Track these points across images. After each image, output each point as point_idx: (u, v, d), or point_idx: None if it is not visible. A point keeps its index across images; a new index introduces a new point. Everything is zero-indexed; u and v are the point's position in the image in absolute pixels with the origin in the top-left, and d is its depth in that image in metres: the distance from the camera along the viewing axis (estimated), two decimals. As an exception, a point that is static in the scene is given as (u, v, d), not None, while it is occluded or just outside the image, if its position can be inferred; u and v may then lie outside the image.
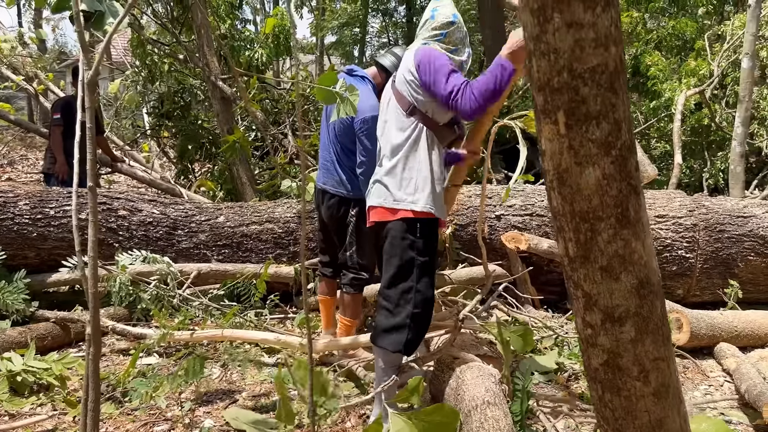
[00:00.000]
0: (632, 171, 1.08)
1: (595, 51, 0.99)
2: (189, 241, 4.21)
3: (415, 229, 2.49)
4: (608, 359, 1.19)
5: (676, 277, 4.38)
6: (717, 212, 4.44)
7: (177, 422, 2.70)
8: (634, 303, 1.14)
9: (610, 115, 1.03)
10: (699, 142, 8.36)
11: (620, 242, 1.10)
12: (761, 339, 3.75)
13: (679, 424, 1.22)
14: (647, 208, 4.12)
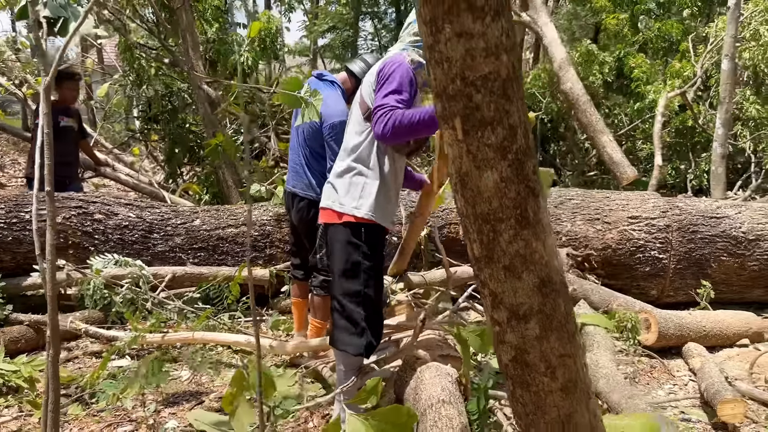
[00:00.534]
0: (530, 174, 1.12)
1: (486, 60, 1.03)
2: (165, 245, 4.24)
3: (359, 234, 2.51)
4: (516, 355, 1.23)
5: (650, 277, 4.43)
6: (690, 213, 4.48)
7: (141, 423, 2.73)
8: (537, 301, 1.18)
9: (505, 120, 1.07)
10: (684, 144, 8.41)
11: (521, 242, 1.14)
12: (729, 339, 3.79)
13: (588, 419, 1.26)
14: (621, 209, 4.18)
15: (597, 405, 1.31)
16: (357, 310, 2.53)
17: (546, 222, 1.15)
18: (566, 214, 4.49)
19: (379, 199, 2.54)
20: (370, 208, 2.52)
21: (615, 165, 5.86)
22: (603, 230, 4.41)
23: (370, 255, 2.54)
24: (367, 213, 2.51)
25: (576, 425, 1.26)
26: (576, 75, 6.15)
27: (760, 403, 3.04)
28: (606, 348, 3.21)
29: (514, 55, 1.06)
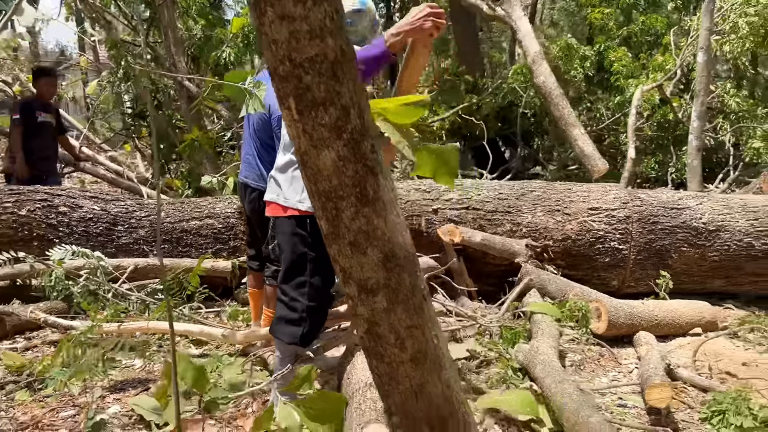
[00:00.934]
0: (367, 153, 1.17)
1: (311, 42, 1.08)
2: (129, 237, 4.31)
3: (304, 225, 2.56)
4: (369, 328, 1.28)
5: (610, 268, 4.46)
6: (651, 204, 4.52)
7: (84, 408, 2.79)
8: (382, 275, 1.23)
9: (337, 101, 1.12)
10: (665, 137, 8.43)
11: (363, 219, 1.19)
12: (682, 327, 3.83)
13: (440, 389, 1.31)
14: (582, 201, 4.22)
15: (455, 378, 1.36)
16: (300, 299, 2.59)
17: (387, 199, 1.20)
18: (527, 205, 4.53)
19: None
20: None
21: (586, 158, 5.89)
22: (563, 221, 4.45)
23: (317, 246, 2.58)
24: (311, 207, 2.56)
25: (429, 395, 1.31)
26: (549, 69, 6.18)
27: (700, 390, 3.08)
28: (548, 335, 3.25)
29: (341, 38, 1.11)
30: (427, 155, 1.88)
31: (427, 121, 8.42)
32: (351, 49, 1.13)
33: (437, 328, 1.33)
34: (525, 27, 6.33)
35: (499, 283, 4.46)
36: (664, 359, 3.17)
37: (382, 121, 1.86)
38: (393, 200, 1.22)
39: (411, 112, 1.77)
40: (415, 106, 1.78)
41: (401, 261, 1.23)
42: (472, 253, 4.49)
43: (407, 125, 1.82)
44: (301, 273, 2.58)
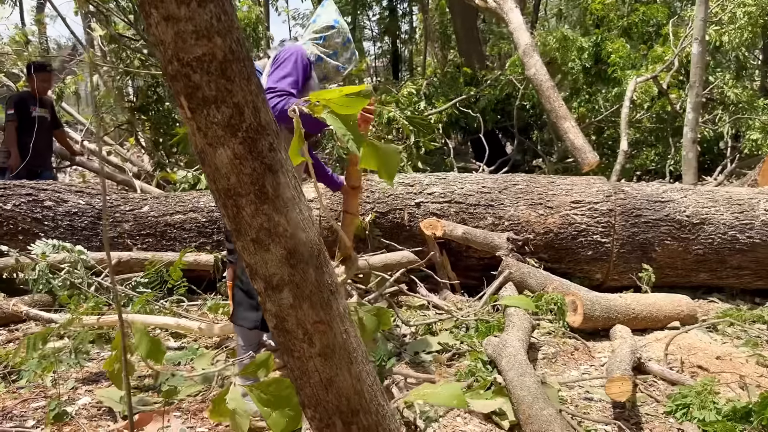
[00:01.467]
0: (264, 151, 1.18)
1: (198, 42, 1.09)
2: (113, 231, 4.36)
3: None
4: (277, 323, 1.30)
5: (593, 261, 4.46)
6: (635, 197, 4.50)
7: (55, 399, 2.84)
8: (287, 272, 1.24)
9: (228, 99, 1.14)
10: (664, 129, 8.36)
11: (263, 216, 1.21)
12: (660, 321, 3.82)
13: (350, 382, 1.33)
14: (565, 194, 4.21)
15: (368, 371, 1.37)
16: None
17: (289, 197, 1.22)
18: (509, 199, 4.52)
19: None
20: None
21: (576, 150, 5.87)
22: (545, 215, 4.44)
23: None
24: None
25: (338, 388, 1.32)
26: (540, 61, 6.15)
27: (669, 383, 3.08)
28: (519, 329, 3.25)
29: (231, 38, 1.12)
30: (372, 151, 1.90)
31: (424, 113, 8.42)
32: (242, 48, 1.14)
33: (348, 323, 1.34)
34: (516, 18, 6.30)
35: (483, 277, 4.47)
36: (635, 353, 3.17)
37: (327, 114, 1.88)
38: (296, 197, 1.23)
39: (355, 102, 1.79)
40: (359, 96, 1.80)
41: (305, 257, 1.25)
42: (455, 247, 4.50)
43: (353, 117, 1.84)
44: None
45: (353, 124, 1.79)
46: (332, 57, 2.75)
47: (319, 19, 2.76)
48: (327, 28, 2.73)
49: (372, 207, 4.49)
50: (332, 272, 1.31)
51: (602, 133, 8.87)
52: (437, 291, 4.44)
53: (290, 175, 1.23)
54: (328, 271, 1.30)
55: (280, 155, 1.21)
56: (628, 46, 8.15)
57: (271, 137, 1.19)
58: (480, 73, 9.51)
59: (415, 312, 4.08)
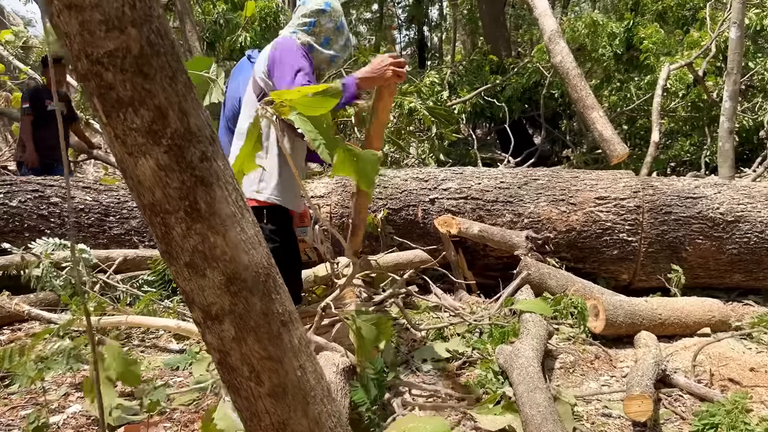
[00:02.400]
0: (194, 161, 1.01)
1: (108, 35, 0.92)
2: (120, 228, 4.26)
3: (262, 217, 2.47)
4: (220, 358, 1.13)
5: (619, 261, 4.20)
6: (665, 193, 4.22)
7: (45, 406, 2.74)
8: (227, 300, 1.07)
9: (148, 101, 0.96)
10: (700, 118, 7.96)
11: (196, 237, 1.04)
12: (690, 327, 3.56)
13: (307, 425, 1.16)
14: (589, 190, 3.96)
15: (329, 411, 1.20)
16: None
17: (227, 213, 1.04)
18: (529, 194, 4.29)
19: (281, 182, 2.50)
20: (272, 191, 2.48)
21: (605, 142, 5.56)
22: (567, 212, 4.20)
23: (275, 238, 2.51)
24: (269, 197, 2.48)
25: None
26: (567, 48, 5.86)
27: (697, 398, 2.84)
28: (533, 336, 3.04)
29: (149, 28, 0.94)
30: (348, 157, 1.71)
31: (447, 103, 8.17)
32: (164, 40, 0.96)
33: (304, 357, 1.16)
34: (541, 3, 6.01)
35: (502, 276, 4.26)
36: (659, 364, 2.93)
37: (296, 116, 1.69)
38: (236, 214, 1.06)
39: (322, 102, 1.61)
40: (326, 96, 1.62)
41: (249, 284, 1.07)
42: (472, 245, 4.30)
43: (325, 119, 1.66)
44: None
45: (326, 126, 1.61)
46: (324, 45, 2.54)
47: (309, 2, 2.54)
48: (317, 12, 2.50)
49: (384, 203, 4.30)
50: (285, 299, 1.13)
51: (634, 123, 8.49)
52: (453, 291, 4.25)
53: (230, 188, 1.05)
54: (279, 298, 1.12)
55: (215, 165, 1.03)
56: (662, 31, 7.75)
57: (203, 145, 1.02)
58: (506, 60, 9.20)
59: (427, 314, 3.90)
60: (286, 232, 2.56)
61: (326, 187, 4.40)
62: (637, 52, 7.73)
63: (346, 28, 2.58)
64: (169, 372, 3.16)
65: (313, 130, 1.58)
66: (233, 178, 1.07)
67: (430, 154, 7.14)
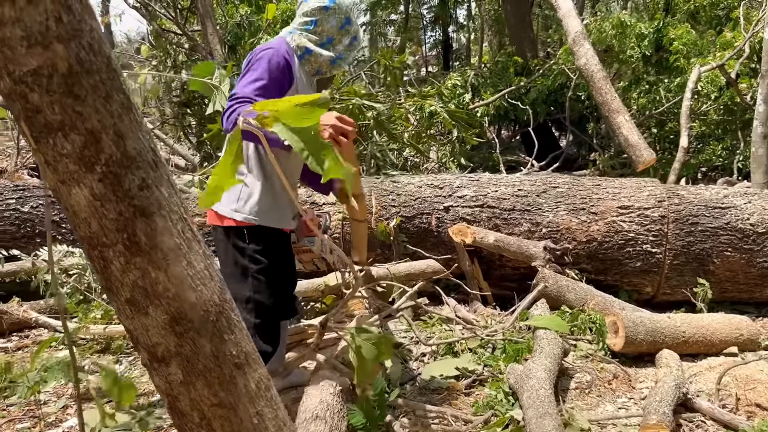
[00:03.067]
0: (133, 190, 0.91)
1: (30, 51, 0.83)
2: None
3: (242, 236, 2.34)
4: (170, 402, 1.03)
5: (642, 274, 4.02)
6: (691, 203, 4.02)
7: (42, 420, 2.70)
8: (172, 341, 0.98)
9: (80, 125, 0.87)
10: (733, 121, 7.67)
11: (136, 272, 0.94)
12: (715, 346, 3.37)
13: (264, 479, 1.05)
14: (612, 198, 3.80)
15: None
16: (246, 317, 2.37)
17: (170, 246, 0.94)
18: (548, 203, 4.13)
19: (263, 200, 2.34)
20: (251, 211, 2.32)
21: (631, 147, 5.38)
22: (588, 221, 4.03)
23: (260, 258, 2.37)
24: (248, 216, 2.32)
25: (249, 487, 1.05)
26: (592, 50, 5.67)
27: (720, 424, 2.67)
28: (547, 355, 2.90)
29: (78, 44, 0.85)
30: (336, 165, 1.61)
31: (469, 106, 8.02)
32: (98, 57, 0.87)
33: (263, 403, 1.06)
34: (566, 4, 5.83)
35: (519, 288, 4.11)
36: (680, 387, 2.76)
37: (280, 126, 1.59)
38: (182, 246, 0.96)
39: (309, 113, 1.51)
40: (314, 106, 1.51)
41: (196, 324, 0.97)
42: (488, 255, 4.16)
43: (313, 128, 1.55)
44: (244, 288, 2.36)
45: (314, 135, 1.50)
46: (326, 45, 2.34)
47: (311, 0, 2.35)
48: (319, 10, 2.29)
49: (397, 211, 4.19)
50: (240, 339, 1.03)
51: (664, 126, 8.23)
52: (468, 302, 4.11)
53: (175, 217, 0.95)
54: (233, 339, 1.02)
55: (157, 193, 0.93)
56: (693, 31, 7.48)
57: (143, 171, 0.92)
58: (532, 62, 9.00)
59: (439, 326, 3.77)
60: (275, 251, 2.42)
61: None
62: (666, 53, 7.47)
63: (353, 27, 2.37)
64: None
65: (299, 141, 1.49)
66: (180, 207, 0.97)
67: (451, 158, 7.00)
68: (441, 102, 7.07)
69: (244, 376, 1.03)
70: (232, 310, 1.03)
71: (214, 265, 1.01)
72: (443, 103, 7.04)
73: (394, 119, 6.30)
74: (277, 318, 2.48)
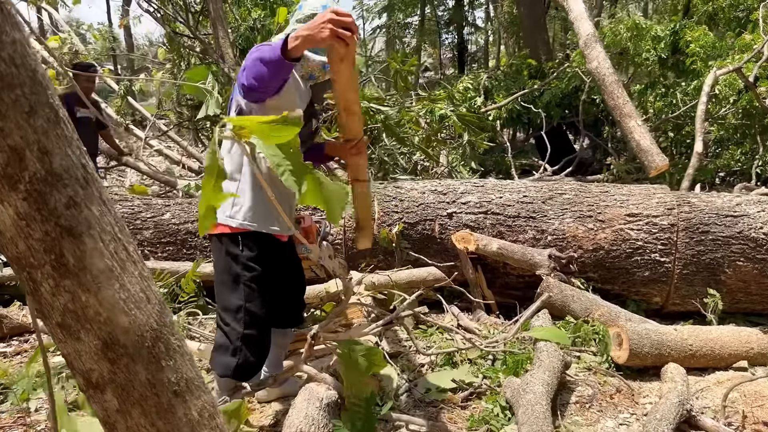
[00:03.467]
0: (59, 208, 0.86)
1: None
2: (133, 239, 4.20)
3: (237, 243, 2.30)
4: (108, 431, 0.98)
5: (651, 283, 3.91)
6: (702, 211, 3.91)
7: (32, 427, 2.68)
8: (105, 368, 0.93)
9: (1, 141, 0.82)
10: (752, 125, 7.49)
11: (66, 295, 0.89)
12: (724, 360, 3.26)
13: None
14: (619, 206, 3.70)
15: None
16: (235, 326, 2.33)
17: (99, 269, 0.90)
18: (554, 210, 4.04)
19: (257, 205, 2.30)
20: (246, 216, 2.29)
21: (642, 153, 5.25)
22: (595, 229, 3.93)
23: (253, 266, 2.33)
24: (243, 222, 2.28)
25: None
26: (603, 53, 5.56)
27: (725, 444, 2.57)
28: (545, 369, 2.81)
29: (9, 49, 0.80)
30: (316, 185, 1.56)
31: (480, 109, 7.93)
32: (20, 70, 0.82)
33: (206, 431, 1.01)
34: (577, 7, 5.73)
35: (523, 296, 4.02)
36: (684, 404, 2.66)
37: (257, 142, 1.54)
38: (114, 269, 0.91)
39: (281, 131, 1.46)
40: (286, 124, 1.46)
41: (129, 350, 0.92)
42: (492, 263, 4.08)
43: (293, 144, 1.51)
44: (236, 296, 2.32)
45: (293, 152, 1.45)
46: (319, 52, 2.28)
47: (305, 5, 2.27)
48: (311, 17, 2.19)
49: (400, 217, 4.13)
50: (181, 365, 0.98)
51: (681, 130, 8.06)
52: (471, 310, 4.03)
53: (107, 238, 0.90)
54: (171, 365, 0.97)
55: (86, 212, 0.88)
56: (710, 34, 7.32)
57: (71, 188, 0.87)
58: (546, 64, 8.89)
59: (440, 335, 3.70)
60: (270, 258, 2.38)
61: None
62: (683, 55, 7.31)
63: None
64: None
65: (277, 155, 1.44)
66: (114, 226, 0.92)
67: (461, 162, 6.92)
68: (452, 105, 7.00)
69: (185, 404, 0.98)
70: (172, 334, 0.97)
71: (153, 288, 0.96)
72: (454, 107, 6.97)
73: (403, 123, 6.24)
74: (269, 328, 2.43)
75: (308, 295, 3.86)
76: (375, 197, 4.21)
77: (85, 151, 0.91)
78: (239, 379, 2.37)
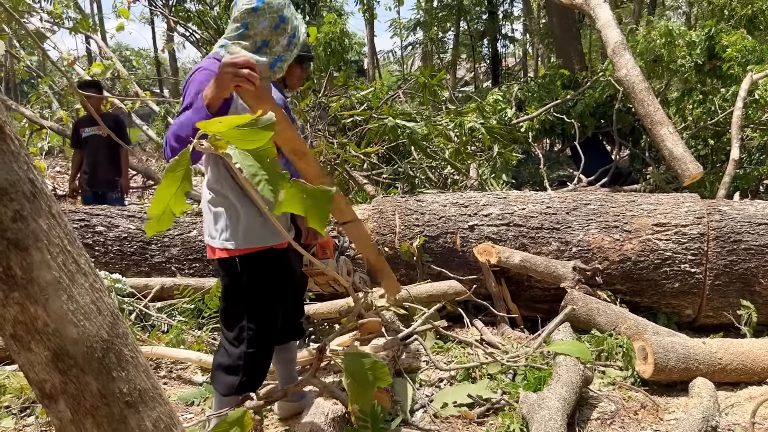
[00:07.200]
0: (6, 222, 0.89)
1: None
2: (161, 256, 4.30)
3: (236, 266, 2.30)
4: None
5: (681, 295, 3.78)
6: (734, 219, 3.77)
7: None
8: (57, 378, 0.94)
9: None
10: (794, 132, 7.21)
11: (16, 306, 0.91)
12: (757, 374, 3.12)
13: None
14: (647, 216, 3.61)
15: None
16: (238, 346, 2.36)
17: (47, 280, 0.91)
18: (579, 221, 3.95)
19: (250, 222, 2.28)
20: (242, 238, 2.27)
21: (675, 161, 5.11)
22: (621, 240, 3.83)
23: (254, 285, 2.34)
24: (240, 244, 2.27)
25: None
26: (632, 60, 5.45)
27: (753, 463, 2.44)
28: (564, 384, 2.73)
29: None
30: (297, 193, 1.56)
31: (512, 121, 7.85)
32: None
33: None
34: (605, 15, 5.63)
35: (549, 309, 3.94)
36: (710, 419, 2.55)
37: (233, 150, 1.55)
38: (61, 280, 0.92)
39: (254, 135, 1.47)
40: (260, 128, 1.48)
41: (79, 361, 0.94)
42: (516, 275, 4.01)
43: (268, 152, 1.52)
44: (238, 317, 2.34)
45: (270, 161, 1.46)
46: (263, 49, 2.08)
47: (239, 3, 2.09)
48: (247, 13, 2.05)
49: (421, 230, 4.10)
50: (134, 376, 0.99)
51: (720, 137, 7.81)
52: (494, 325, 3.97)
53: (54, 250, 0.92)
54: (123, 375, 0.97)
55: (33, 225, 0.90)
56: (749, 38, 7.09)
57: (17, 203, 0.89)
58: (579, 74, 8.76)
59: (462, 349, 3.65)
60: (269, 275, 2.37)
61: (362, 213, 4.26)
62: (719, 61, 7.10)
63: (290, 24, 2.12)
64: (183, 407, 3.10)
65: (253, 165, 1.45)
66: (64, 239, 0.93)
67: (492, 174, 6.85)
68: (482, 118, 6.95)
69: (137, 415, 0.98)
70: (125, 345, 0.98)
71: (105, 299, 0.98)
72: (484, 119, 6.92)
73: (431, 137, 6.23)
74: (271, 346, 2.45)
75: (331, 309, 3.88)
76: (396, 211, 4.20)
77: (33, 166, 0.94)
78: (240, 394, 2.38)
